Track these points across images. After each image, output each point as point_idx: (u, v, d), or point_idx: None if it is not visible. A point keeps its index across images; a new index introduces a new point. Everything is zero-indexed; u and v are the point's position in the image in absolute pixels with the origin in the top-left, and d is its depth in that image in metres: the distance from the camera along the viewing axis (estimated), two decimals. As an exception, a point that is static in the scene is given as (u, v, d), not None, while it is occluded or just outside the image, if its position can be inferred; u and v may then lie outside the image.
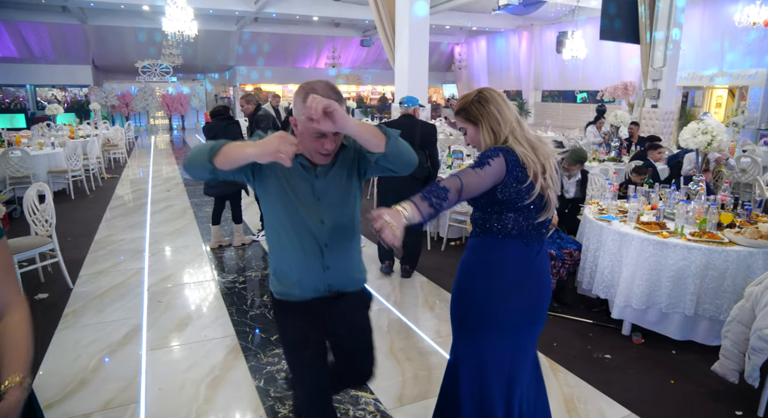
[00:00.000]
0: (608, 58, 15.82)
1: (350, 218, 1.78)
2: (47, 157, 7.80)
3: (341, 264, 1.78)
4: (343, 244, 1.78)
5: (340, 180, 1.74)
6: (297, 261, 1.73)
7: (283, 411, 2.65)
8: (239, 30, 19.02)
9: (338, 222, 1.74)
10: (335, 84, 1.65)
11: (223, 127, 5.11)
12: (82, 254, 5.13)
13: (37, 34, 17.14)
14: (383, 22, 8.26)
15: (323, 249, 1.73)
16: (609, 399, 2.81)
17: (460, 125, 1.92)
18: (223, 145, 1.55)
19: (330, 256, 1.74)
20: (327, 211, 1.72)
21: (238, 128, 5.24)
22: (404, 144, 1.63)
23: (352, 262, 1.83)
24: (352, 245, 1.82)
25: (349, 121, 1.50)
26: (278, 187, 1.69)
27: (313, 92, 1.55)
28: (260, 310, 3.91)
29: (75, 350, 3.28)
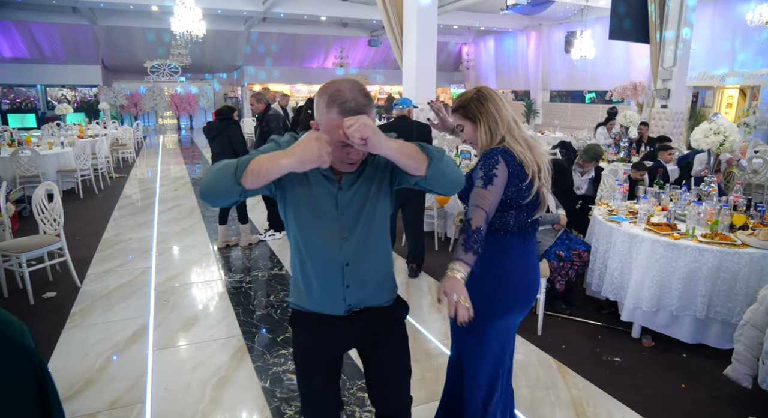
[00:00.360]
0: (617, 58, 15.70)
1: (377, 234, 1.60)
2: (56, 157, 7.84)
3: (365, 283, 1.61)
4: (368, 262, 1.60)
5: (367, 192, 1.56)
6: (316, 277, 1.58)
7: (289, 412, 2.63)
8: (247, 30, 19.06)
9: (363, 239, 1.57)
10: (361, 83, 1.43)
11: (223, 128, 5.08)
12: (89, 253, 5.15)
13: (47, 35, 17.28)
14: (391, 21, 8.23)
15: (344, 268, 1.56)
16: (618, 403, 2.77)
17: (457, 122, 1.95)
18: (249, 161, 1.33)
19: (352, 275, 1.58)
20: (351, 226, 1.55)
21: (238, 129, 5.19)
22: (448, 162, 1.47)
23: (378, 280, 1.64)
24: (379, 263, 1.64)
25: (383, 144, 1.34)
26: (298, 198, 1.52)
27: (338, 96, 1.38)
28: (267, 310, 3.90)
29: (82, 349, 3.28)
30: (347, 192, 1.53)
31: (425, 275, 4.70)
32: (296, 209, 1.54)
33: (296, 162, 1.30)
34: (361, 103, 1.39)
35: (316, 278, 1.59)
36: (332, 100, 1.38)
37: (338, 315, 1.61)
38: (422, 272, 4.76)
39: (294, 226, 1.57)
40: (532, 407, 2.73)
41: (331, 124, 1.38)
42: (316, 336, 1.65)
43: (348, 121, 1.32)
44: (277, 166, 1.32)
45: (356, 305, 1.62)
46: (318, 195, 1.52)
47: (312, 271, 1.58)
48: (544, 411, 2.70)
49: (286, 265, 4.89)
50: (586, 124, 15.51)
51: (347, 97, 1.38)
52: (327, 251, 1.55)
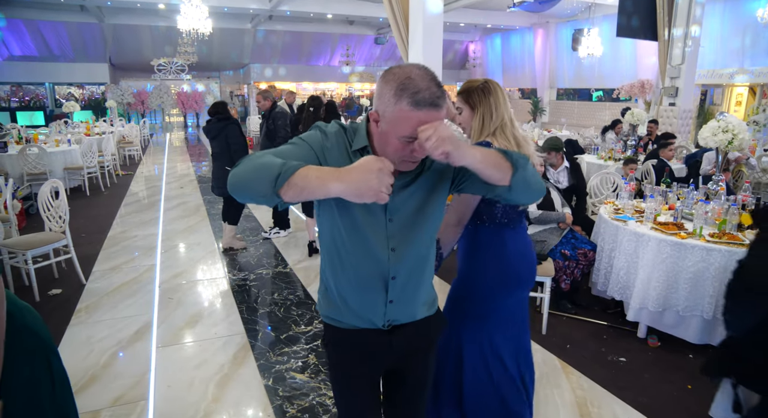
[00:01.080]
0: (625, 56, 15.58)
1: (428, 244, 1.44)
2: (63, 154, 7.89)
3: (408, 298, 1.45)
4: (415, 275, 1.44)
5: (421, 196, 1.37)
6: (354, 290, 1.41)
7: (292, 411, 2.63)
8: (254, 28, 19.10)
9: (413, 250, 1.39)
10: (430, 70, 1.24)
11: (221, 128, 4.96)
12: (95, 250, 5.18)
13: (56, 33, 17.40)
14: (397, 19, 8.20)
15: (389, 282, 1.39)
16: (623, 403, 2.75)
17: (458, 105, 2.02)
18: (295, 171, 1.11)
19: (396, 290, 1.41)
20: (400, 236, 1.36)
21: (237, 129, 5.06)
22: (532, 171, 1.33)
23: (422, 293, 1.49)
24: (425, 275, 1.48)
25: (467, 155, 1.19)
26: (341, 202, 1.30)
27: (410, 84, 1.19)
28: (270, 308, 3.90)
29: (86, 345, 3.29)
30: (399, 196, 1.33)
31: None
32: (338, 214, 1.34)
33: (349, 192, 1.11)
34: (435, 94, 1.20)
35: (355, 291, 1.41)
36: (402, 88, 1.19)
37: (376, 330, 1.45)
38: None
39: (332, 232, 1.38)
40: (537, 407, 2.70)
41: (400, 116, 1.20)
42: (352, 354, 1.49)
43: (424, 131, 1.15)
44: (325, 189, 1.12)
45: (396, 321, 1.46)
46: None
47: (351, 283, 1.40)
48: (548, 411, 2.68)
49: (291, 263, 4.89)
50: (593, 123, 15.41)
51: (420, 86, 1.19)
52: (371, 262, 1.37)
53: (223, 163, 5.01)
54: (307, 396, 2.75)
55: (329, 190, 1.12)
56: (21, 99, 18.98)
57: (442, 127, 1.16)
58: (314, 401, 2.71)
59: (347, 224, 1.34)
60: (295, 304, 3.96)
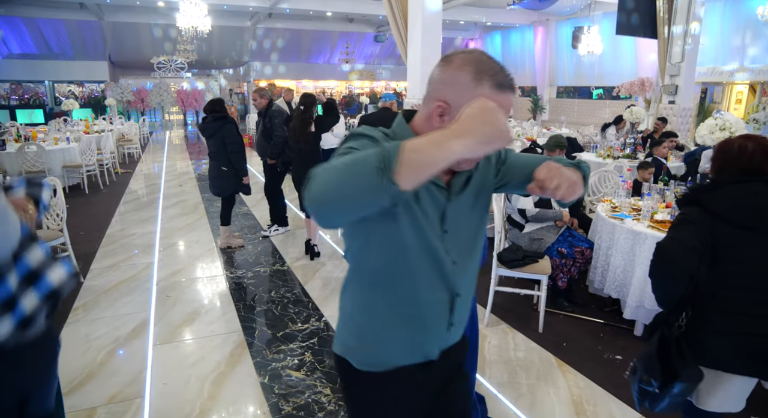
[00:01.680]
0: (625, 54, 15.56)
1: (478, 254, 1.30)
2: (62, 152, 7.89)
3: (464, 317, 1.32)
4: (471, 289, 1.33)
5: (469, 203, 1.23)
6: (408, 320, 1.22)
7: (287, 408, 2.63)
8: (253, 26, 19.07)
9: (473, 261, 1.28)
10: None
11: (218, 128, 4.87)
12: (93, 248, 5.18)
13: (55, 31, 17.38)
14: (396, 17, 8.19)
15: (455, 300, 1.25)
16: (620, 402, 2.75)
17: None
18: (401, 149, 0.86)
19: (459, 309, 1.27)
20: (457, 246, 1.22)
21: (234, 128, 4.95)
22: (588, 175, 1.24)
23: (470, 312, 1.37)
24: (474, 290, 1.37)
25: (579, 190, 1.09)
26: (406, 212, 1.12)
27: (488, 66, 1.06)
28: (268, 306, 3.90)
29: (84, 343, 3.30)
30: (455, 202, 1.19)
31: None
32: (403, 225, 1.13)
33: (477, 143, 0.88)
34: (509, 75, 1.08)
35: (409, 321, 1.22)
36: (481, 70, 1.04)
37: (420, 365, 1.27)
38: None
39: (379, 251, 1.17)
40: (533, 406, 2.71)
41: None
42: (388, 400, 1.28)
43: (551, 180, 1.04)
44: (448, 151, 0.87)
45: (447, 347, 1.31)
46: (426, 207, 1.15)
47: (403, 311, 1.21)
48: (545, 409, 2.68)
49: (289, 261, 4.89)
50: (593, 121, 15.40)
51: (496, 68, 1.06)
52: (435, 280, 1.20)
53: (220, 163, 4.99)
54: (302, 394, 2.75)
55: (453, 150, 0.87)
56: (21, 97, 18.97)
57: (563, 170, 1.06)
58: (310, 398, 2.71)
59: (405, 241, 1.14)
60: (292, 302, 3.97)
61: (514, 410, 2.66)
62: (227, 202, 5.18)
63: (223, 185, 5.06)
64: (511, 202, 3.98)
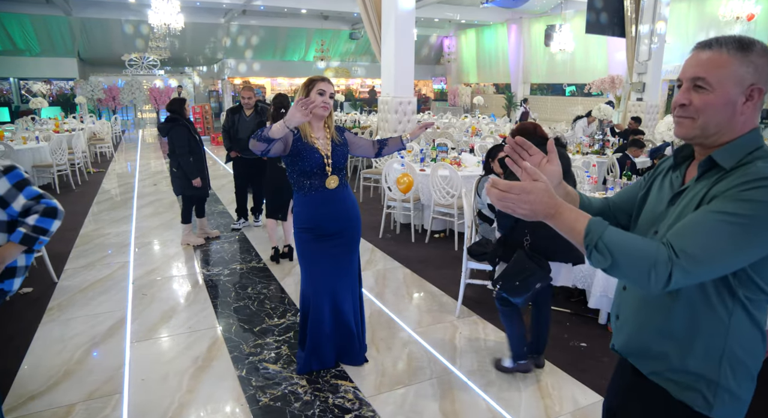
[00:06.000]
0: (596, 52, 15.91)
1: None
2: (31, 152, 7.76)
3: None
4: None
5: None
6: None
7: (264, 400, 2.70)
8: (227, 22, 18.90)
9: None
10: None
11: (168, 130, 4.96)
12: (67, 248, 5.14)
13: (20, 26, 16.91)
14: (369, 15, 8.26)
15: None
16: (583, 386, 2.90)
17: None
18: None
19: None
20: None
21: (181, 130, 4.95)
22: (623, 260, 1.15)
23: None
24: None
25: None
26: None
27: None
28: (244, 302, 3.95)
29: (59, 342, 3.31)
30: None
31: (401, 266, 4.79)
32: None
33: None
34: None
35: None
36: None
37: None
38: (398, 262, 4.85)
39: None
40: (501, 392, 2.84)
41: None
42: None
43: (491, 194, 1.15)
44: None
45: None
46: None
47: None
48: (511, 395, 2.81)
49: (265, 258, 4.94)
50: (565, 117, 15.72)
51: None
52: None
53: (172, 163, 5.10)
54: (279, 385, 2.83)
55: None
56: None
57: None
58: (286, 390, 2.79)
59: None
60: (268, 298, 4.03)
61: (483, 396, 2.79)
62: (187, 201, 5.25)
63: (176, 185, 5.20)
64: (481, 197, 4.10)
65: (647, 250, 1.07)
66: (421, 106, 22.86)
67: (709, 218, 1.08)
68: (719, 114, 1.16)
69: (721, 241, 1.05)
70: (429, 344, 3.34)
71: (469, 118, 13.86)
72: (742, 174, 1.11)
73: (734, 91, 1.14)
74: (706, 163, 1.20)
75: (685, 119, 1.20)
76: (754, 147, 1.17)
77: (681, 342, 1.23)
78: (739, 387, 1.21)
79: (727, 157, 1.17)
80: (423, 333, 3.47)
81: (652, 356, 1.29)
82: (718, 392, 1.20)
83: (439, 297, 4.10)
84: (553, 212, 1.12)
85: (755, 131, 1.20)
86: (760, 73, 1.14)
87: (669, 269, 1.04)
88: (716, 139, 1.19)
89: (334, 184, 2.78)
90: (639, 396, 1.35)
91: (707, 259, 1.06)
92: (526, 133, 2.84)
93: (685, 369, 1.23)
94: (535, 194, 1.11)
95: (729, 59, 1.14)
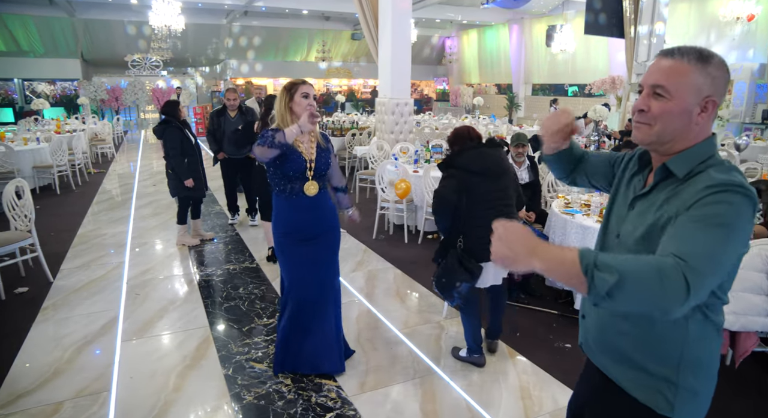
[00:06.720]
0: (597, 52, 15.89)
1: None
2: (32, 153, 7.84)
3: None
4: None
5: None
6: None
7: (248, 398, 2.76)
8: (229, 23, 18.97)
9: None
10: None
11: (162, 132, 5.05)
12: (64, 249, 5.21)
13: (24, 28, 17.05)
14: (366, 16, 8.30)
15: None
16: (564, 386, 2.93)
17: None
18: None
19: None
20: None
21: (174, 132, 5.01)
22: (632, 287, 1.11)
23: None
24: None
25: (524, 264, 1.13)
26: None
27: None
28: (235, 302, 4.01)
29: (52, 341, 3.37)
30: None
31: (392, 266, 4.83)
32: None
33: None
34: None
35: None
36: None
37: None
38: (390, 263, 4.90)
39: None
40: (482, 392, 2.88)
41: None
42: None
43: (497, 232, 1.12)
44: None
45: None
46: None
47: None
48: (492, 396, 2.85)
49: (258, 258, 5.00)
50: (566, 118, 15.68)
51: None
52: None
53: (167, 165, 5.18)
54: (264, 384, 2.88)
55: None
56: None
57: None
58: (271, 388, 2.84)
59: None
60: (259, 298, 4.08)
61: (464, 396, 2.83)
62: (183, 202, 5.33)
63: (171, 186, 5.27)
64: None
65: (647, 260, 1.03)
66: (423, 106, 22.89)
67: (690, 228, 1.07)
68: (675, 122, 1.19)
69: (709, 243, 1.04)
70: (414, 344, 3.38)
71: (469, 118, 13.88)
72: (697, 186, 1.13)
73: (691, 100, 1.17)
74: (661, 171, 1.24)
75: (643, 125, 1.22)
76: (706, 156, 1.20)
77: (641, 345, 1.26)
78: (700, 386, 1.24)
79: (680, 166, 1.20)
80: (409, 334, 3.52)
81: (613, 358, 1.32)
82: (679, 392, 1.23)
83: (427, 298, 4.14)
84: (535, 248, 1.04)
85: (709, 140, 1.22)
86: (716, 86, 1.18)
87: (681, 274, 0.99)
88: (671, 146, 1.23)
89: (313, 190, 2.75)
90: (603, 396, 1.38)
91: (710, 259, 1.03)
92: (460, 138, 3.06)
93: (645, 370, 1.26)
94: (511, 234, 1.06)
95: (689, 69, 1.17)
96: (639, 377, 1.27)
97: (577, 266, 1.01)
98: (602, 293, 0.99)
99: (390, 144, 7.71)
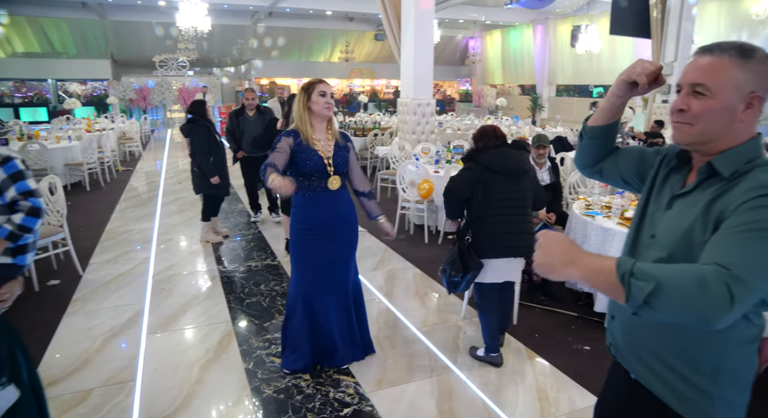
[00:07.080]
0: (623, 53, 15.64)
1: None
2: (64, 151, 8.09)
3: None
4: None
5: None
6: None
7: (268, 391, 2.82)
8: (254, 24, 19.24)
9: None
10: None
11: (189, 131, 5.16)
12: (93, 243, 5.38)
13: (58, 30, 17.60)
14: (389, 17, 8.34)
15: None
16: (581, 388, 2.92)
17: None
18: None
19: None
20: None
21: (202, 131, 5.11)
22: (671, 298, 1.10)
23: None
24: None
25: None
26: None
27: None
28: (257, 298, 4.09)
29: (81, 332, 3.49)
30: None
31: (412, 266, 4.86)
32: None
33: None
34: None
35: None
36: None
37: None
38: (409, 262, 4.93)
39: None
40: (498, 391, 2.89)
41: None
42: None
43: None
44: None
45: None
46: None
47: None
48: (509, 396, 2.86)
49: (279, 256, 5.08)
50: (590, 119, 15.48)
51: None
52: None
53: (193, 163, 5.29)
54: (283, 378, 2.94)
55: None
56: (24, 95, 19.20)
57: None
58: (290, 383, 2.90)
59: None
60: (279, 294, 4.16)
61: (480, 395, 2.84)
62: (207, 199, 5.44)
63: (196, 184, 5.38)
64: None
65: (687, 268, 1.00)
66: (446, 107, 22.83)
67: (734, 235, 1.03)
68: (718, 120, 1.14)
69: (755, 251, 1.00)
70: (432, 342, 3.41)
71: (492, 119, 13.81)
72: (743, 188, 1.09)
73: (734, 97, 1.12)
74: (706, 169, 1.19)
75: (683, 125, 1.18)
76: (753, 156, 1.16)
77: (677, 351, 1.21)
78: (735, 397, 1.19)
79: (726, 165, 1.15)
80: (427, 332, 3.54)
81: (645, 361, 1.27)
82: (716, 402, 1.18)
83: (446, 297, 4.16)
84: (574, 257, 1.07)
85: (755, 140, 1.18)
86: (760, 81, 1.13)
87: (724, 282, 0.95)
88: (714, 146, 1.18)
89: (336, 184, 2.80)
90: (631, 402, 1.33)
91: (756, 267, 0.98)
92: (486, 135, 3.15)
93: (680, 377, 1.20)
94: (551, 243, 1.09)
95: (729, 65, 1.12)
96: (673, 382, 1.21)
97: (614, 275, 1.00)
98: (639, 301, 0.98)
99: (411, 144, 7.73)
